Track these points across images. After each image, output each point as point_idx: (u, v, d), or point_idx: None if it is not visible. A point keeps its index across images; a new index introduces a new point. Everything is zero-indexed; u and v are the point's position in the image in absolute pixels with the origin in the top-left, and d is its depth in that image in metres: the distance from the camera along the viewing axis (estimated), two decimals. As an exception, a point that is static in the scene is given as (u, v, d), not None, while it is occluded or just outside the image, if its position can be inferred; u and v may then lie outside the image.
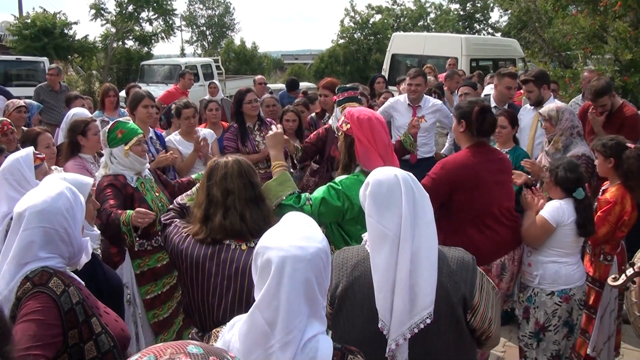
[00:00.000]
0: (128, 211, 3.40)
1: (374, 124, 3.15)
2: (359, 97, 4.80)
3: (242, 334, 1.64)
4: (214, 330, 1.83)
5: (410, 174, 2.24)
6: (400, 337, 2.06)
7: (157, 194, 3.96)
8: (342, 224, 3.22)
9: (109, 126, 3.88)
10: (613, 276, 3.53)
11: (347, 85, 4.91)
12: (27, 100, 6.64)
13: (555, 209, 3.65)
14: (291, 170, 5.57)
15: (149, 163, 5.17)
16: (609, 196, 3.94)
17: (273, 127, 3.55)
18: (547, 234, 3.66)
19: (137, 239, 3.60)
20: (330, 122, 5.06)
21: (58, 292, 2.13)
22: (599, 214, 3.91)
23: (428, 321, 2.05)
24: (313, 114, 6.26)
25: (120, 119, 4.00)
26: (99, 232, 3.11)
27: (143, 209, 3.39)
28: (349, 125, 3.19)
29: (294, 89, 9.98)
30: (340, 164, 3.35)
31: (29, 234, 2.16)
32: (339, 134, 3.32)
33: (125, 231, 3.36)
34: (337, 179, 3.18)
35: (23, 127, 5.66)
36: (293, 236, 1.67)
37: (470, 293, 2.14)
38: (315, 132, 5.20)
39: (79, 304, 2.17)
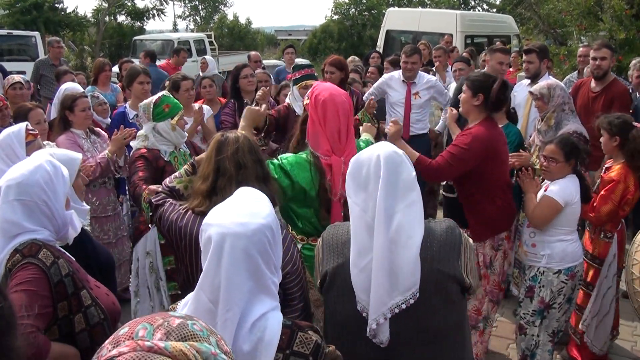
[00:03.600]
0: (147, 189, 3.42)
1: (327, 107, 3.04)
2: (315, 74, 4.88)
3: (189, 314, 1.62)
4: (171, 306, 1.83)
5: (399, 151, 2.20)
6: (381, 316, 2.06)
7: None
8: (292, 205, 3.16)
9: (154, 100, 3.86)
10: None
11: (303, 64, 4.95)
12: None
13: (562, 189, 3.63)
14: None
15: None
16: (613, 175, 3.92)
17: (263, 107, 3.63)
18: (556, 214, 3.64)
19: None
20: (287, 100, 5.03)
21: (48, 263, 2.14)
22: (602, 192, 3.90)
23: (411, 301, 2.05)
24: None
25: (163, 93, 4.00)
26: (88, 207, 3.10)
27: (154, 187, 3.34)
28: (308, 101, 3.16)
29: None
30: (294, 138, 3.33)
31: (9, 206, 2.18)
32: (304, 104, 3.31)
33: (144, 207, 3.34)
34: (282, 155, 3.17)
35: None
36: (236, 212, 1.65)
37: (458, 263, 2.15)
38: (276, 108, 5.15)
39: (68, 276, 2.19)
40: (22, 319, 1.96)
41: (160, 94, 3.99)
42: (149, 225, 3.87)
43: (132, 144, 4.00)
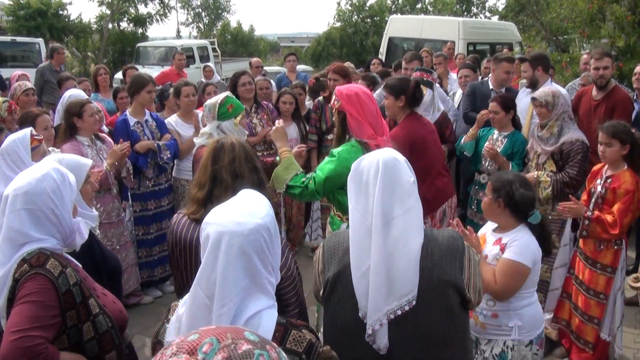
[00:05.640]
0: None
1: (361, 97, 3.45)
2: (428, 79, 5.31)
3: (187, 309, 1.68)
4: (172, 304, 1.86)
5: (400, 157, 2.22)
6: (376, 322, 2.07)
7: None
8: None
9: (219, 100, 4.12)
10: (634, 276, 3.70)
11: (420, 67, 5.71)
12: (16, 83, 6.54)
13: (524, 247, 2.95)
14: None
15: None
16: (626, 186, 3.83)
17: (277, 122, 3.85)
18: (524, 280, 2.95)
19: None
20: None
21: (55, 273, 2.13)
22: (619, 205, 3.82)
23: (406, 308, 2.06)
24: (320, 97, 6.21)
25: (227, 94, 4.28)
26: (96, 213, 3.12)
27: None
28: (340, 103, 3.46)
29: None
30: (334, 138, 3.67)
31: (15, 216, 2.16)
32: (333, 111, 3.60)
33: None
34: (334, 150, 3.45)
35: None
36: (235, 212, 1.70)
37: (460, 274, 2.15)
38: None
39: (76, 285, 2.18)
40: (31, 331, 1.97)
41: (224, 94, 4.25)
42: None
43: (195, 140, 4.24)
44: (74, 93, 5.43)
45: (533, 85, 5.56)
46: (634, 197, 3.83)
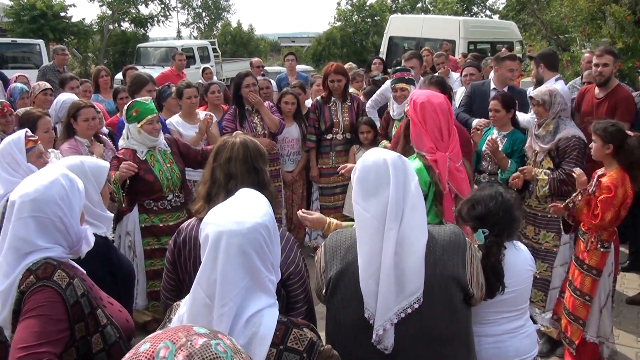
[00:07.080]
0: (117, 172, 4.00)
1: (425, 107, 3.26)
2: (406, 77, 5.41)
3: (188, 309, 1.68)
4: (174, 304, 1.85)
5: (402, 155, 2.22)
6: (387, 322, 2.06)
7: (168, 165, 4.36)
8: None
9: (128, 103, 4.26)
10: None
11: (398, 67, 5.82)
12: (13, 84, 6.55)
13: None
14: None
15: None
16: (610, 180, 3.85)
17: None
18: None
19: (123, 199, 4.26)
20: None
21: (63, 285, 2.04)
22: (601, 197, 3.84)
23: (416, 306, 2.06)
24: (319, 97, 6.20)
25: (139, 99, 4.35)
26: (112, 215, 3.08)
27: (128, 162, 4.07)
28: (407, 108, 3.41)
29: None
30: (399, 145, 3.57)
31: (22, 223, 2.06)
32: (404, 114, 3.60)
33: (114, 189, 3.89)
34: None
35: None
36: (233, 211, 1.70)
37: (462, 269, 2.16)
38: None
39: (84, 296, 2.10)
40: (37, 347, 1.89)
41: (138, 99, 4.34)
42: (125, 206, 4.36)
43: (120, 141, 4.44)
44: (67, 99, 5.36)
45: (539, 82, 5.59)
46: (617, 192, 3.82)
